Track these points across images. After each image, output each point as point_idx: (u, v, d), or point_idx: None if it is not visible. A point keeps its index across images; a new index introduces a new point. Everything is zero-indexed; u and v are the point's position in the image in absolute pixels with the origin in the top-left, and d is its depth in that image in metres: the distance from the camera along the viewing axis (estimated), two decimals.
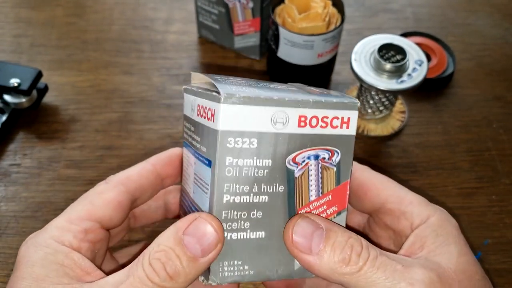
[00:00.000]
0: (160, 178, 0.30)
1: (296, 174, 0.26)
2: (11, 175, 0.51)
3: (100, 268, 0.26)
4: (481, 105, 0.59)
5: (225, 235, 0.25)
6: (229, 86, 0.25)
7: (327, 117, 0.26)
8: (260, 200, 0.26)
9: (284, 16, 0.54)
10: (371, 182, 0.28)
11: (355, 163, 0.29)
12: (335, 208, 0.27)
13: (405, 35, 0.62)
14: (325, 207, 0.27)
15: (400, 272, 0.23)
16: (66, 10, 0.68)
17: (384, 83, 0.48)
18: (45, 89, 0.57)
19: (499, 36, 0.66)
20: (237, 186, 0.25)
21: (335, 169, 0.27)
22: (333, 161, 0.27)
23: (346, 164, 0.27)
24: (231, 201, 0.25)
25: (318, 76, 0.58)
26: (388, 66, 0.48)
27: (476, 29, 0.67)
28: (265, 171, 0.25)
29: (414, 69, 0.49)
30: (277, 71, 0.59)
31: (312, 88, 0.29)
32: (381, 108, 0.53)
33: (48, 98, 0.57)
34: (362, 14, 0.68)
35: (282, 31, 0.52)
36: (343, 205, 0.28)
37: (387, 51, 0.51)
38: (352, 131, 0.27)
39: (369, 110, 0.54)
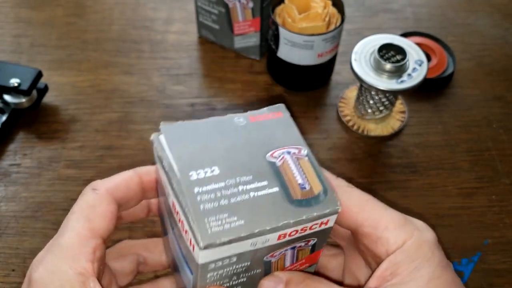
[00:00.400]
0: (144, 190, 0.31)
1: (273, 260, 0.27)
2: (11, 175, 0.51)
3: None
4: (481, 105, 0.59)
5: None
6: (202, 208, 0.24)
7: (306, 227, 0.26)
8: (239, 282, 0.27)
9: (284, 16, 0.54)
10: (347, 205, 0.27)
11: (333, 180, 0.28)
12: (306, 265, 0.30)
13: (405, 35, 0.62)
14: (298, 267, 0.29)
15: None
16: (66, 10, 0.68)
17: (384, 83, 0.48)
18: (45, 89, 0.57)
19: (499, 36, 0.66)
20: (218, 283, 0.26)
21: (310, 248, 0.28)
22: (309, 245, 0.28)
23: (321, 242, 0.28)
24: None
25: (318, 76, 0.58)
26: (388, 66, 0.48)
27: (476, 29, 0.67)
28: (244, 268, 0.26)
29: (414, 69, 0.49)
30: (277, 71, 0.59)
31: (292, 155, 0.27)
32: (381, 108, 0.53)
33: (48, 98, 0.57)
34: (362, 14, 0.68)
35: (282, 31, 0.52)
36: (314, 262, 0.30)
37: (387, 51, 0.51)
38: (330, 224, 0.26)
39: (369, 110, 0.54)
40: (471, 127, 0.57)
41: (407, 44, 0.51)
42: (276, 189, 0.25)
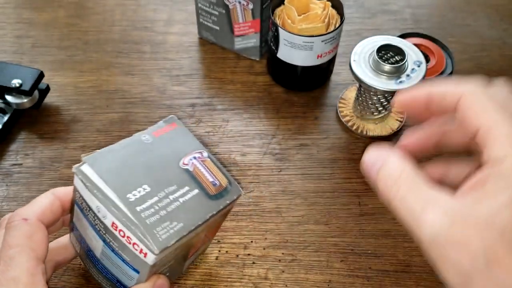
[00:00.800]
0: (64, 210, 0.36)
1: (194, 241, 0.34)
2: (12, 175, 0.52)
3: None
4: None
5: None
6: (149, 222, 0.30)
7: (221, 212, 0.34)
8: (170, 264, 0.34)
9: (283, 17, 0.54)
10: (468, 107, 0.27)
11: (464, 84, 0.28)
12: (214, 233, 0.41)
13: (403, 36, 0.62)
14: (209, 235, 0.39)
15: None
16: (67, 11, 0.68)
17: (383, 83, 0.49)
18: (47, 89, 0.57)
19: (497, 37, 0.66)
20: (157, 271, 0.33)
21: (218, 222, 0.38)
22: (218, 220, 0.36)
23: (225, 216, 0.37)
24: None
25: (318, 77, 0.59)
26: (387, 67, 0.49)
27: (474, 30, 0.67)
28: (176, 253, 0.33)
29: (412, 70, 0.50)
30: (277, 72, 0.59)
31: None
32: (380, 108, 0.54)
33: (49, 99, 0.58)
34: (361, 15, 0.68)
35: (281, 32, 0.53)
36: (218, 229, 0.41)
37: (386, 52, 0.51)
38: (235, 204, 0.35)
39: (368, 111, 0.54)
40: None
41: (406, 45, 0.51)
42: (196, 191, 0.33)
